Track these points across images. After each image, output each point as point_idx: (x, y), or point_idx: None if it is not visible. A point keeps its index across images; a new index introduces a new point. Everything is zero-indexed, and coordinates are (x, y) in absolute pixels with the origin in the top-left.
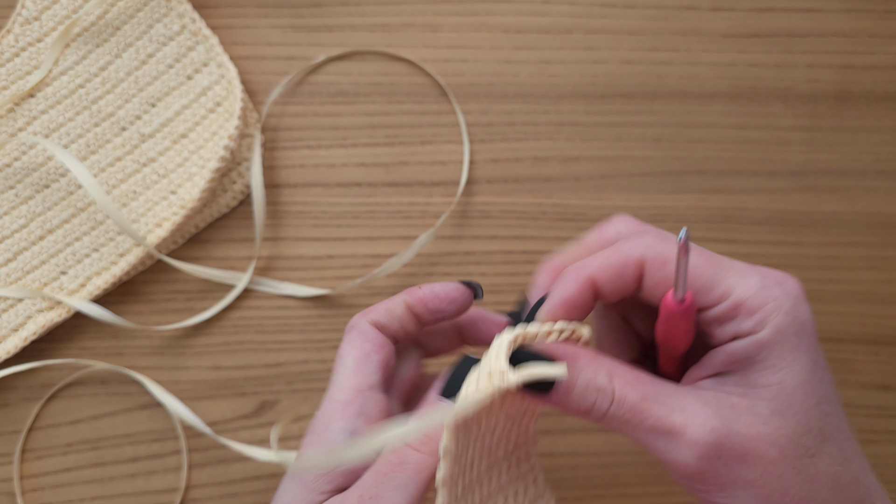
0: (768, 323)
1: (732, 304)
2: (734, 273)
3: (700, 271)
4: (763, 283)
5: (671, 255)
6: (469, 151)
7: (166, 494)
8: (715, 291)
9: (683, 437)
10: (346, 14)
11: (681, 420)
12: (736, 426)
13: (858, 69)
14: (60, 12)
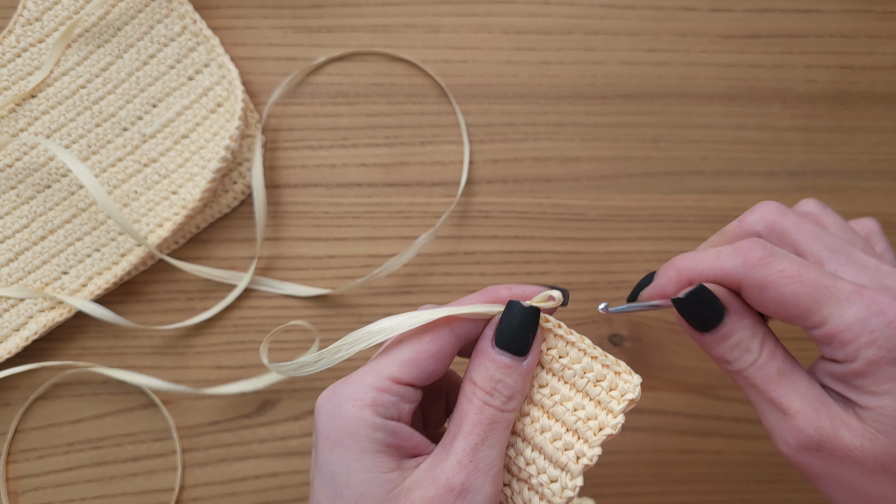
0: (860, 356)
1: (826, 333)
2: (834, 302)
3: (796, 301)
4: (861, 315)
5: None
6: (469, 152)
7: (167, 494)
8: (811, 319)
9: (793, 420)
10: (347, 15)
11: (797, 406)
12: (842, 432)
13: (857, 70)
14: (62, 13)
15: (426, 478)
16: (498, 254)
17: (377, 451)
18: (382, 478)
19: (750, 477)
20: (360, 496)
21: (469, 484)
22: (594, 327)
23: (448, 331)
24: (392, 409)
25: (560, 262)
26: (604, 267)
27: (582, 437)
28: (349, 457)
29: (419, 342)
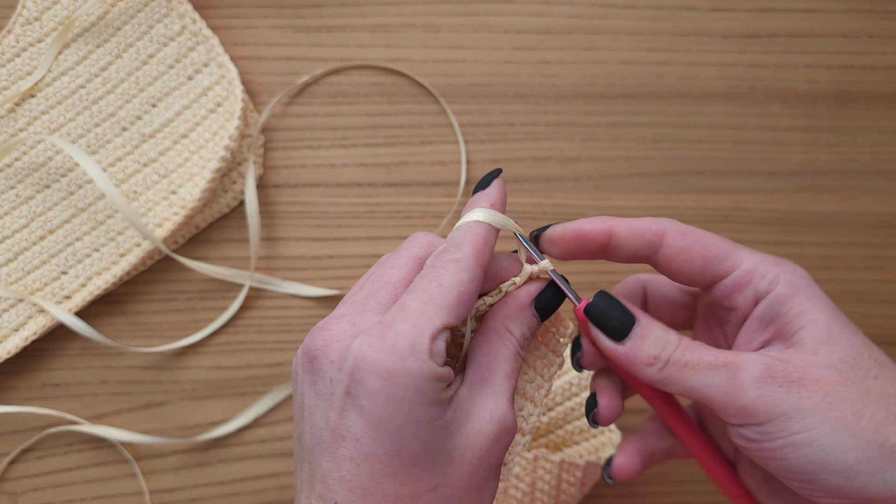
0: (781, 280)
1: (745, 270)
2: (742, 249)
3: (714, 243)
4: (767, 257)
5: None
6: (465, 152)
7: (167, 494)
8: (728, 261)
9: (738, 367)
10: (347, 15)
11: (731, 355)
12: (786, 357)
13: (857, 69)
14: (61, 13)
15: (474, 410)
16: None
17: (439, 399)
18: (441, 422)
19: None
20: (427, 444)
21: (515, 422)
22: None
23: (477, 264)
24: (444, 354)
25: (560, 262)
26: (604, 267)
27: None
28: (419, 411)
29: (459, 282)
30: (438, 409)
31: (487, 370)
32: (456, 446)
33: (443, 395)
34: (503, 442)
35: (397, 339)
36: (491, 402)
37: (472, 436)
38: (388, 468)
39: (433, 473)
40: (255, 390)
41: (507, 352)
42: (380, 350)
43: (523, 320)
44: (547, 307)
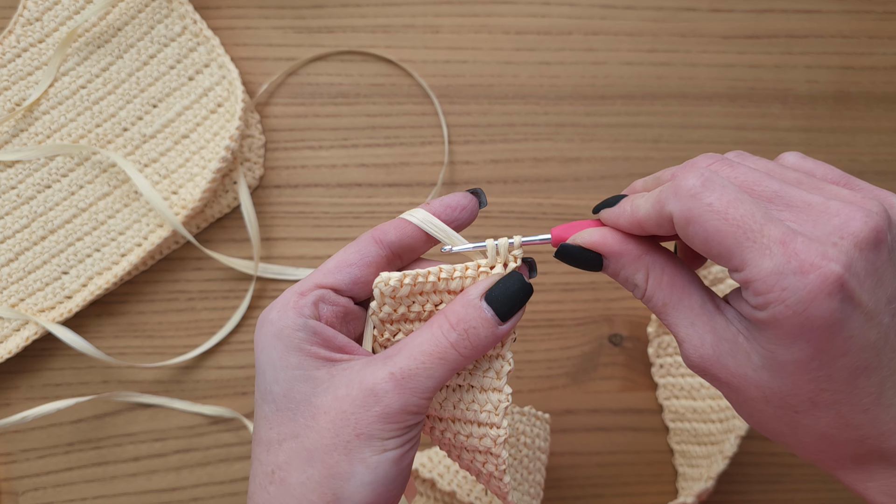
0: (768, 310)
1: (743, 278)
2: (756, 247)
3: (719, 239)
4: (779, 269)
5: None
6: (448, 153)
7: (167, 493)
8: (731, 261)
9: (682, 346)
10: (347, 15)
11: (682, 334)
12: (726, 360)
13: (857, 70)
14: (62, 13)
15: (354, 377)
16: None
17: (300, 349)
18: (308, 374)
19: (750, 477)
20: (287, 391)
21: (391, 397)
22: (594, 327)
23: (370, 241)
24: (312, 308)
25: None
26: None
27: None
28: (275, 356)
29: (344, 253)
30: (299, 358)
31: (396, 348)
32: (322, 404)
33: (310, 348)
34: (371, 411)
35: (279, 298)
36: (370, 372)
37: (340, 397)
38: (261, 411)
39: (295, 422)
40: None
41: (430, 334)
42: (263, 311)
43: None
44: (501, 297)
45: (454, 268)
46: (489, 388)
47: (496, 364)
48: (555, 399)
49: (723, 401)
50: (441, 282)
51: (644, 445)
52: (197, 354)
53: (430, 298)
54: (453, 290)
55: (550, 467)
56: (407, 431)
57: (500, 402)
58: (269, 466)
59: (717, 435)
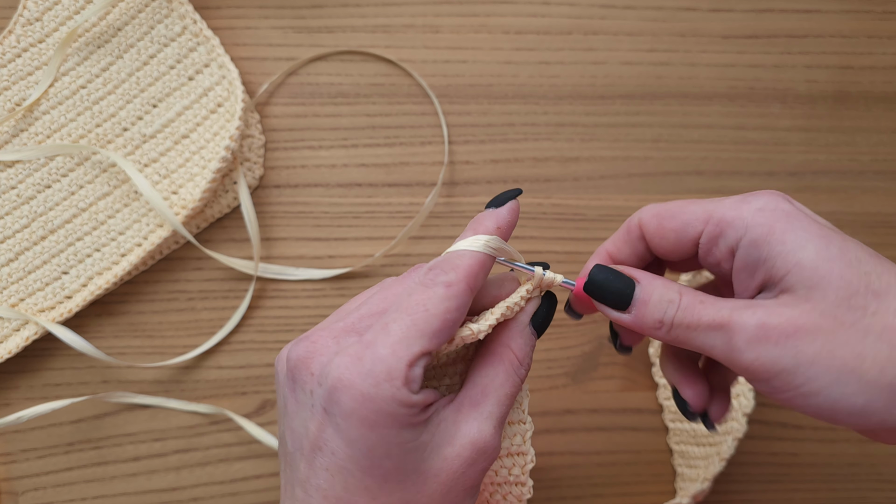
0: (750, 223)
1: (713, 223)
2: (711, 202)
3: (683, 208)
4: (737, 200)
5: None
6: (448, 153)
7: (167, 493)
8: (698, 220)
9: (731, 326)
10: (347, 15)
11: (727, 313)
12: (781, 310)
13: (856, 70)
14: (62, 13)
15: (453, 432)
16: None
17: (411, 423)
18: (416, 444)
19: (750, 476)
20: (399, 465)
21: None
22: (594, 327)
23: (468, 291)
24: (420, 381)
25: (560, 262)
26: None
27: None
28: (390, 435)
29: (447, 312)
30: (411, 433)
31: (482, 393)
32: (431, 467)
33: (416, 419)
34: (479, 466)
35: (374, 364)
36: (475, 427)
37: (450, 458)
38: (361, 483)
39: (405, 490)
40: (256, 390)
41: (506, 375)
42: (356, 373)
43: (524, 339)
44: (543, 322)
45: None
46: (516, 453)
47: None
48: (554, 399)
49: None
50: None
51: (644, 445)
52: (197, 354)
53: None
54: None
55: (550, 467)
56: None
57: (527, 432)
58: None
59: (714, 436)
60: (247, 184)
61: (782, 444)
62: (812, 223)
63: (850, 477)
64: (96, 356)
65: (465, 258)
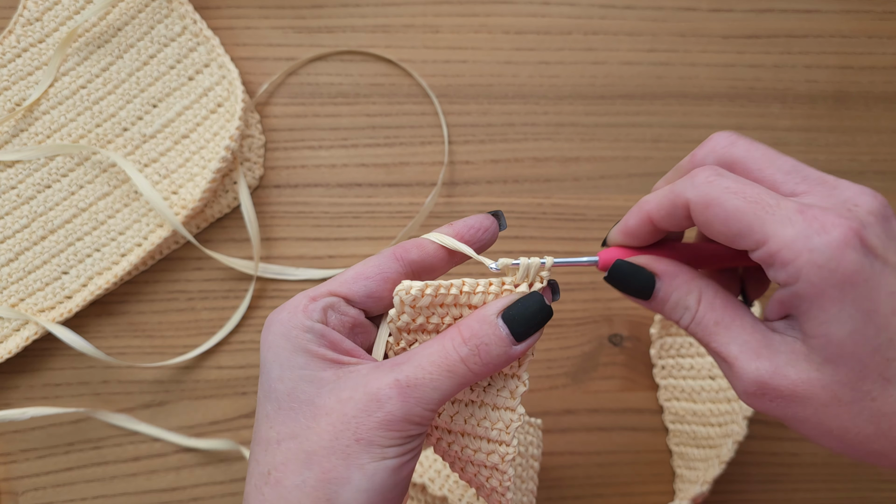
0: (801, 277)
1: (767, 252)
2: (775, 219)
3: (738, 216)
4: (802, 233)
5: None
6: (448, 153)
7: (167, 493)
8: (751, 238)
9: (734, 368)
10: (347, 15)
11: (735, 352)
12: (786, 370)
13: (856, 70)
14: (62, 13)
15: (359, 381)
16: (499, 254)
17: (307, 349)
18: (314, 374)
19: (750, 476)
20: (291, 390)
21: (394, 404)
22: (594, 327)
23: (391, 257)
24: (321, 313)
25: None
26: None
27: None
28: (282, 355)
29: (363, 265)
30: (306, 358)
31: (405, 356)
32: (325, 405)
33: (317, 349)
34: (372, 417)
35: (287, 303)
36: (375, 377)
37: (343, 400)
38: (263, 409)
39: (296, 422)
40: (255, 390)
41: (440, 346)
42: (273, 311)
43: (482, 325)
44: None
45: (477, 282)
46: (502, 407)
47: (511, 383)
48: (554, 399)
49: (723, 405)
50: (463, 295)
51: (643, 445)
52: (197, 354)
53: (451, 311)
54: (474, 305)
55: (550, 467)
56: (408, 441)
57: (512, 422)
58: (265, 467)
59: (715, 439)
60: (247, 184)
61: (782, 444)
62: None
63: (850, 477)
64: (96, 356)
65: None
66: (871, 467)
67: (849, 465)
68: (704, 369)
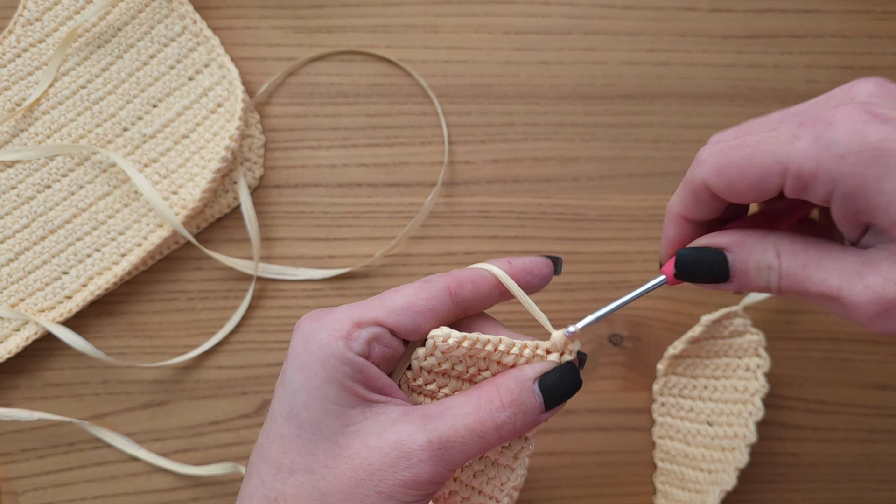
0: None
1: (794, 179)
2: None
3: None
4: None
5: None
6: (448, 153)
7: (167, 493)
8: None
9: (844, 300)
10: (347, 15)
11: (836, 283)
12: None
13: (857, 70)
14: (62, 13)
15: (388, 428)
16: (498, 254)
17: (342, 383)
18: (342, 411)
19: (749, 476)
20: (316, 422)
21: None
22: (594, 327)
23: (447, 295)
24: (364, 346)
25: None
26: (604, 267)
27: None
28: (314, 382)
29: (416, 296)
30: (338, 393)
31: (440, 411)
32: (348, 445)
33: (351, 384)
34: (399, 474)
35: (328, 317)
36: (409, 430)
37: (370, 447)
38: (280, 429)
39: (314, 456)
40: (256, 390)
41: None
42: (310, 322)
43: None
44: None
45: (514, 343)
46: (502, 465)
47: (516, 444)
48: None
49: (716, 452)
50: (497, 353)
51: (644, 445)
52: (197, 354)
53: (478, 364)
54: (504, 364)
55: (550, 467)
56: (426, 499)
57: (508, 480)
58: (272, 493)
59: (703, 484)
60: (247, 184)
61: (782, 444)
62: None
63: (850, 477)
64: (96, 356)
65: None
66: (871, 467)
67: (849, 465)
68: (703, 413)
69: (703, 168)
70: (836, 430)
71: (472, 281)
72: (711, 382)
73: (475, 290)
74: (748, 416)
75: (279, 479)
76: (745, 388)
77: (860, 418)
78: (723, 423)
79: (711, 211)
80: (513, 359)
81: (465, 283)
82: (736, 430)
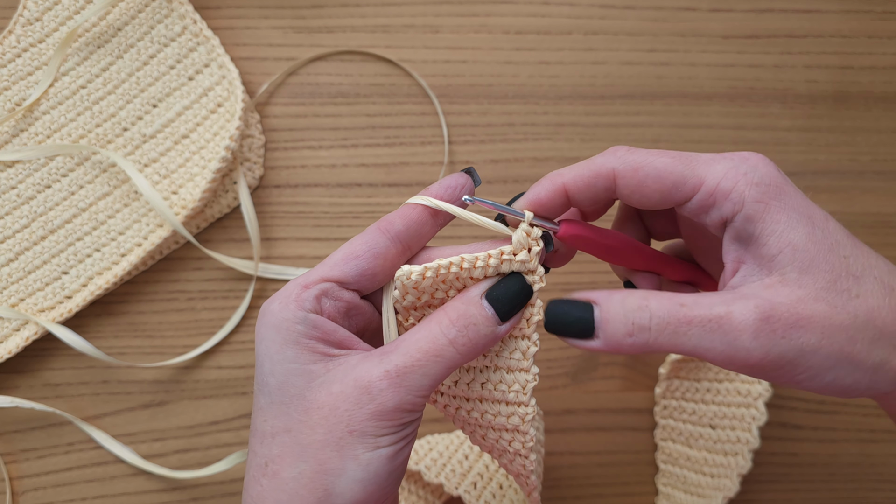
0: (746, 199)
1: (707, 192)
2: (702, 164)
3: (670, 169)
4: (730, 165)
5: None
6: (448, 153)
7: (167, 493)
8: (687, 185)
9: (732, 321)
10: (347, 15)
11: (723, 310)
12: (777, 298)
13: (856, 70)
14: (62, 13)
15: (349, 373)
16: None
17: (298, 342)
18: (303, 368)
19: (749, 476)
20: (282, 384)
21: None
22: None
23: (379, 233)
24: (314, 302)
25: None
26: (604, 267)
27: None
28: (273, 348)
29: (350, 245)
30: (296, 352)
31: (393, 345)
32: (316, 399)
33: (307, 342)
34: (364, 409)
35: (282, 289)
36: (365, 368)
37: (335, 394)
38: (258, 402)
39: (289, 416)
40: None
41: (428, 331)
42: (266, 301)
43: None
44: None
45: (476, 256)
46: (516, 369)
47: (522, 345)
48: (555, 399)
49: (719, 456)
50: (463, 271)
51: (644, 445)
52: (197, 354)
53: (454, 285)
54: (476, 278)
55: (550, 467)
56: (402, 429)
57: (528, 382)
58: (262, 458)
59: (705, 489)
60: (247, 184)
61: (782, 444)
62: (800, 200)
63: (850, 477)
64: (96, 356)
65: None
66: (871, 467)
67: (849, 465)
68: (706, 417)
69: (619, 161)
70: (836, 430)
71: (400, 215)
72: (714, 385)
73: (405, 221)
74: (751, 420)
75: (265, 445)
76: (748, 392)
77: (860, 418)
78: (725, 427)
79: (592, 199)
80: (481, 272)
81: (392, 219)
82: (739, 433)
